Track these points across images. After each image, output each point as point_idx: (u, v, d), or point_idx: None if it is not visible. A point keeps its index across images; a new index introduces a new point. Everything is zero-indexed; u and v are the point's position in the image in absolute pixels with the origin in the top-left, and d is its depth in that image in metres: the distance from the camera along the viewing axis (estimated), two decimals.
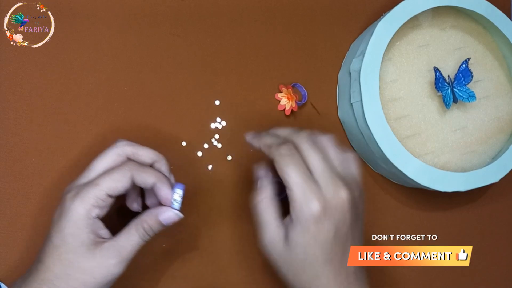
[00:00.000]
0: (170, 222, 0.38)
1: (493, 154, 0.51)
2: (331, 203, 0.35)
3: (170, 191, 0.38)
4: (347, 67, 0.50)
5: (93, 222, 0.35)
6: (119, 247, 0.36)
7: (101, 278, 0.35)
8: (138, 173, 0.37)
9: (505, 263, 0.54)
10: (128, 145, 0.39)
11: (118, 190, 0.36)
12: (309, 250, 0.35)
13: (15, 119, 0.45)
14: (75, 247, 0.35)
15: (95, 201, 0.35)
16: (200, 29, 0.50)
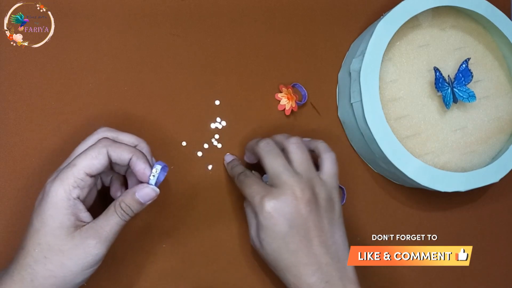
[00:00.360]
0: (148, 199, 0.38)
1: (493, 154, 0.51)
2: (281, 200, 0.38)
3: (146, 166, 0.37)
4: (347, 67, 0.50)
5: (73, 203, 0.35)
6: (97, 228, 0.36)
7: (79, 260, 0.35)
8: (113, 148, 0.37)
9: (505, 263, 0.54)
10: (109, 131, 0.39)
11: (96, 167, 0.36)
12: (272, 244, 0.39)
13: (15, 119, 0.45)
14: (54, 228, 0.35)
15: (74, 181, 0.35)
16: (200, 29, 0.50)
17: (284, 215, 0.38)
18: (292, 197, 0.38)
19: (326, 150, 0.42)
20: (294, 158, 0.41)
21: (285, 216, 0.38)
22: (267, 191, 0.39)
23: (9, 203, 0.44)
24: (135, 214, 0.38)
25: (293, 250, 0.38)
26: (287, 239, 0.38)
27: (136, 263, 0.45)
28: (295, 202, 0.38)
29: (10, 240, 0.43)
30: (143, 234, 0.46)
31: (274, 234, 0.39)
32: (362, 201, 0.51)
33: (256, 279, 0.47)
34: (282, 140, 0.42)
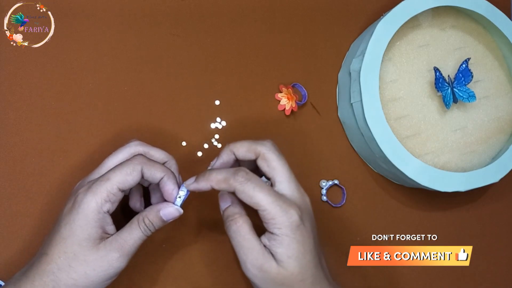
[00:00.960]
0: (170, 218, 0.39)
1: (493, 154, 0.51)
2: (302, 209, 0.37)
3: (175, 187, 0.38)
4: (347, 67, 0.50)
5: (103, 216, 0.36)
6: (121, 241, 0.36)
7: (102, 271, 0.35)
8: (148, 167, 0.37)
9: (505, 263, 0.54)
10: (141, 145, 0.40)
11: (129, 183, 0.36)
12: (302, 259, 0.36)
13: (15, 119, 0.45)
14: (82, 239, 0.35)
15: (107, 195, 0.36)
16: (200, 29, 0.50)
17: (310, 226, 0.37)
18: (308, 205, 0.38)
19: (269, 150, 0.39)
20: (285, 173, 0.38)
21: (311, 227, 0.37)
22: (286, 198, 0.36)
23: (9, 203, 0.44)
24: (156, 230, 0.38)
25: (316, 264, 0.37)
26: (314, 252, 0.37)
27: (136, 263, 0.45)
28: (310, 210, 0.38)
29: (10, 241, 0.43)
30: None
31: (304, 248, 0.36)
32: (362, 201, 0.51)
33: None
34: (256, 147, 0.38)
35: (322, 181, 0.50)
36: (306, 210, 0.37)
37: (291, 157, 0.49)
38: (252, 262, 0.36)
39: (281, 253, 0.35)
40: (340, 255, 0.49)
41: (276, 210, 0.35)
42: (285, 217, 0.35)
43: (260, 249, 0.36)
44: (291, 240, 0.35)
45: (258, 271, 0.36)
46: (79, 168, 0.45)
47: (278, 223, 0.35)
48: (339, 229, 0.50)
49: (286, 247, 0.35)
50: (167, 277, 0.45)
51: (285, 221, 0.35)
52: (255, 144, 0.38)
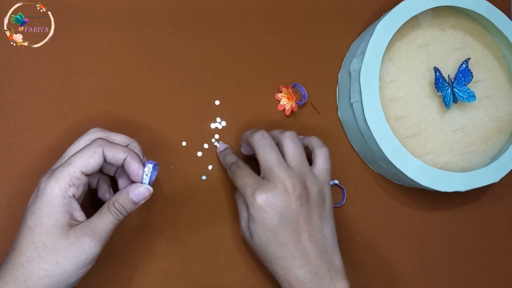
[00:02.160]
0: (142, 198, 0.38)
1: (493, 154, 0.51)
2: (273, 194, 0.39)
3: (140, 166, 0.38)
4: (347, 67, 0.50)
5: (68, 201, 0.35)
6: (92, 226, 0.36)
7: (74, 258, 0.35)
8: (109, 148, 0.37)
9: (505, 263, 0.54)
10: (101, 131, 0.40)
11: (91, 166, 0.36)
12: (262, 236, 0.39)
13: (15, 119, 0.45)
14: (49, 227, 0.34)
15: (70, 179, 0.35)
16: (200, 29, 0.50)
17: (275, 209, 0.39)
18: (283, 191, 0.39)
19: (320, 146, 0.43)
20: (288, 152, 0.41)
21: (276, 209, 0.39)
22: (259, 184, 0.40)
23: (9, 203, 0.44)
24: (129, 213, 0.38)
25: (282, 243, 0.39)
26: (277, 232, 0.39)
27: (136, 263, 0.45)
28: (286, 196, 0.39)
29: (10, 240, 0.43)
30: (143, 234, 0.46)
31: (264, 227, 0.39)
32: (362, 201, 0.51)
33: (256, 279, 0.47)
34: (277, 134, 0.43)
35: None
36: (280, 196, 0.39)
37: None
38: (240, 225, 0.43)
39: (249, 226, 0.41)
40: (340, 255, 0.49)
41: (244, 193, 0.40)
42: (249, 200, 0.39)
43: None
44: (253, 219, 0.40)
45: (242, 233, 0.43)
46: None
47: (247, 204, 0.40)
48: (339, 229, 0.50)
49: (251, 223, 0.40)
50: (167, 277, 0.45)
51: (249, 203, 0.39)
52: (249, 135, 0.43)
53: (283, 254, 0.39)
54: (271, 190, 0.39)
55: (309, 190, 0.40)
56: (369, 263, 0.50)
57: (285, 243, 0.39)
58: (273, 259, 0.40)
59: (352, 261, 0.50)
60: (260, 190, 0.39)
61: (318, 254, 0.39)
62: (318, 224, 0.40)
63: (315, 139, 0.43)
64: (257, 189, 0.39)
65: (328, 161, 0.42)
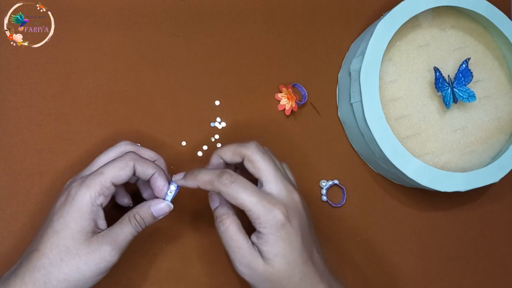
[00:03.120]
0: (161, 214, 0.39)
1: (493, 154, 0.51)
2: (289, 207, 0.37)
3: (165, 183, 0.39)
4: (347, 67, 0.50)
5: (96, 209, 0.36)
6: (113, 236, 0.37)
7: (94, 265, 0.36)
8: (140, 163, 0.38)
9: (505, 263, 0.54)
10: (130, 145, 0.41)
11: (122, 178, 0.37)
12: (288, 257, 0.36)
13: (15, 119, 0.45)
14: (75, 232, 0.35)
15: (100, 189, 0.36)
16: (200, 29, 0.50)
17: (297, 224, 0.37)
18: (296, 204, 0.38)
19: None
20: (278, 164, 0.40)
21: (297, 224, 0.37)
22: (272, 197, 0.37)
23: (9, 203, 0.44)
24: (147, 226, 0.39)
25: (305, 260, 0.37)
26: (301, 249, 0.37)
27: (136, 263, 0.45)
28: (299, 209, 0.38)
29: (10, 240, 0.43)
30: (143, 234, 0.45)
31: (290, 246, 0.36)
32: (362, 201, 0.51)
33: None
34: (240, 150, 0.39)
35: (322, 181, 0.50)
36: (294, 208, 0.37)
37: (291, 157, 0.49)
38: (240, 260, 0.37)
39: (267, 251, 0.36)
40: (340, 255, 0.49)
41: (260, 210, 0.36)
42: (269, 216, 0.36)
43: (247, 247, 0.37)
44: (276, 239, 0.36)
45: (247, 269, 0.37)
46: (79, 168, 0.45)
47: (263, 223, 0.36)
48: (339, 229, 0.50)
49: (271, 245, 0.36)
50: (167, 277, 0.45)
51: (269, 220, 0.36)
52: (240, 147, 0.39)
53: (307, 272, 0.37)
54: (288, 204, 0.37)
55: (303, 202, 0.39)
56: (369, 263, 0.50)
57: (307, 260, 0.37)
58: (298, 281, 0.37)
59: (352, 261, 0.50)
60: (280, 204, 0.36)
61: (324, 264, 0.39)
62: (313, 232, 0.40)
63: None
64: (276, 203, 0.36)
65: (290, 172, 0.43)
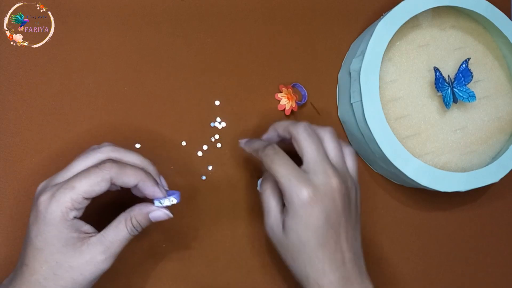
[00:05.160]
0: (159, 220, 0.38)
1: (493, 154, 0.51)
2: (320, 190, 0.37)
3: (155, 188, 0.37)
4: (347, 67, 0.50)
5: (71, 223, 0.35)
6: (107, 243, 0.35)
7: (89, 275, 0.35)
8: (118, 175, 0.35)
9: (505, 263, 0.54)
10: (113, 151, 0.37)
11: (95, 193, 0.35)
12: (302, 235, 0.37)
13: (15, 119, 0.45)
14: (60, 248, 0.34)
15: (72, 205, 0.34)
16: (200, 29, 0.50)
17: (322, 207, 0.36)
18: (331, 190, 0.37)
19: (345, 145, 0.41)
20: (331, 149, 0.39)
21: (323, 208, 0.36)
22: (306, 177, 0.37)
23: (9, 203, 0.44)
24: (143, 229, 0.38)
25: (321, 244, 0.37)
26: (319, 232, 0.37)
27: (136, 263, 0.45)
28: (333, 196, 0.37)
29: (10, 241, 0.43)
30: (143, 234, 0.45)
31: (306, 225, 0.36)
32: (362, 201, 0.51)
33: (256, 279, 0.47)
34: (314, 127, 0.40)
35: None
36: (326, 193, 0.37)
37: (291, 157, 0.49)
38: (267, 221, 0.40)
39: (285, 223, 0.38)
40: None
41: (287, 184, 0.37)
42: (293, 193, 0.36)
43: (276, 213, 0.39)
44: (294, 215, 0.37)
45: (270, 230, 0.39)
46: None
47: (287, 197, 0.37)
48: None
49: (289, 219, 0.37)
50: (167, 277, 0.45)
51: (293, 196, 0.36)
52: (290, 125, 0.40)
53: (319, 255, 0.37)
54: (320, 187, 0.36)
55: (350, 191, 0.39)
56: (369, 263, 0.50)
57: (324, 244, 0.37)
58: (307, 260, 0.37)
59: None
60: (309, 184, 0.36)
61: (352, 257, 0.38)
62: (354, 226, 0.39)
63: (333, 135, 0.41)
64: (305, 182, 0.36)
65: (357, 161, 0.41)
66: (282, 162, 0.38)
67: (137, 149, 0.47)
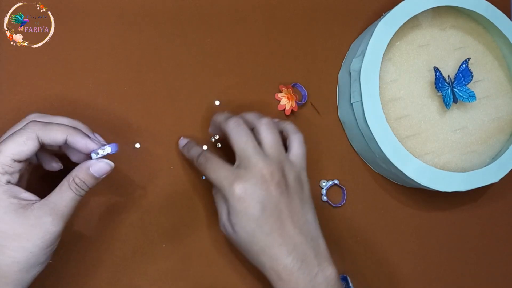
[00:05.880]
0: (103, 173, 0.37)
1: (493, 154, 0.51)
2: (250, 182, 0.38)
3: (87, 140, 0.36)
4: (347, 67, 0.50)
5: (7, 188, 0.33)
6: (52, 205, 0.34)
7: (38, 239, 0.33)
8: (44, 131, 0.34)
9: (505, 263, 0.54)
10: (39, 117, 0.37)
11: (25, 154, 0.34)
12: (247, 228, 0.39)
13: (15, 119, 0.45)
14: (1, 215, 0.33)
15: (1, 168, 0.33)
16: (200, 29, 0.50)
17: (256, 198, 0.38)
18: (262, 180, 0.38)
19: (294, 131, 0.43)
20: (265, 140, 0.40)
21: (256, 199, 0.38)
22: (236, 174, 0.39)
23: None
24: (90, 188, 0.36)
25: (267, 232, 0.38)
26: (260, 221, 0.38)
27: (136, 263, 0.45)
28: (265, 185, 0.38)
29: None
30: (143, 234, 0.46)
31: (247, 218, 0.38)
32: (362, 201, 0.51)
33: (256, 279, 0.47)
34: (252, 120, 0.42)
35: (322, 181, 0.50)
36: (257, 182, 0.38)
37: None
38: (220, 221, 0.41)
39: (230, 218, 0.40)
40: (340, 255, 0.49)
41: (221, 186, 0.39)
42: (228, 193, 0.38)
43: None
44: (233, 210, 0.39)
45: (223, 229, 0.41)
46: None
47: (225, 197, 0.39)
48: (339, 229, 0.50)
49: (231, 215, 0.39)
50: (167, 277, 0.45)
51: (228, 196, 0.38)
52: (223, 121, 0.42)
53: (269, 243, 0.38)
54: (249, 180, 0.38)
55: (287, 177, 0.40)
56: (369, 263, 0.50)
57: (269, 232, 0.38)
58: (259, 250, 0.39)
59: (352, 261, 0.50)
60: (238, 181, 0.38)
61: (303, 240, 0.39)
62: (300, 210, 0.40)
63: (290, 125, 0.43)
64: (235, 179, 0.38)
65: (303, 146, 0.42)
66: (213, 167, 0.40)
67: (137, 149, 0.47)
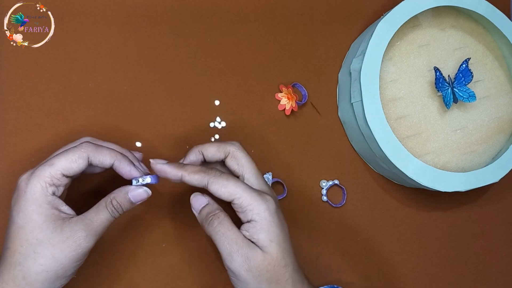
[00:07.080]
0: (139, 200, 0.38)
1: (493, 154, 0.51)
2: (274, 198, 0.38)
3: (131, 167, 0.38)
4: (347, 67, 0.50)
5: (51, 199, 0.35)
6: (88, 221, 0.36)
7: (70, 252, 0.35)
8: (95, 154, 0.37)
9: (505, 263, 0.54)
10: (92, 140, 0.39)
11: (74, 171, 0.36)
12: (282, 244, 0.37)
13: (15, 119, 0.45)
14: (41, 223, 0.34)
15: (50, 180, 0.35)
16: (200, 29, 0.50)
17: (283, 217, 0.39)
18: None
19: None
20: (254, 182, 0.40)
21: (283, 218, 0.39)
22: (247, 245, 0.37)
23: (8, 203, 0.44)
24: (124, 212, 0.38)
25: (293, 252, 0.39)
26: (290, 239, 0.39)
27: (136, 263, 0.45)
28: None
29: None
30: (143, 234, 0.46)
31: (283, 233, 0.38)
32: (362, 201, 0.51)
33: None
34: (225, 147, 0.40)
35: (322, 181, 0.50)
36: (277, 202, 0.39)
37: (291, 157, 0.49)
38: (238, 252, 0.36)
39: (263, 239, 0.36)
40: (340, 255, 0.49)
41: (252, 196, 0.37)
42: (262, 202, 0.37)
43: (243, 239, 0.37)
44: (271, 224, 0.37)
45: (244, 260, 0.36)
46: None
47: (256, 208, 0.37)
48: (339, 229, 0.50)
49: (267, 232, 0.36)
50: (167, 277, 0.45)
51: (263, 205, 0.37)
52: (224, 144, 0.40)
53: (296, 262, 0.39)
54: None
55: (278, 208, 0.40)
56: (369, 263, 0.50)
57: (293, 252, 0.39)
58: (292, 271, 0.38)
59: (352, 261, 0.50)
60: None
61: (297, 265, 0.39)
62: None
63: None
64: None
65: None
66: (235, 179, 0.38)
67: (138, 148, 0.47)
